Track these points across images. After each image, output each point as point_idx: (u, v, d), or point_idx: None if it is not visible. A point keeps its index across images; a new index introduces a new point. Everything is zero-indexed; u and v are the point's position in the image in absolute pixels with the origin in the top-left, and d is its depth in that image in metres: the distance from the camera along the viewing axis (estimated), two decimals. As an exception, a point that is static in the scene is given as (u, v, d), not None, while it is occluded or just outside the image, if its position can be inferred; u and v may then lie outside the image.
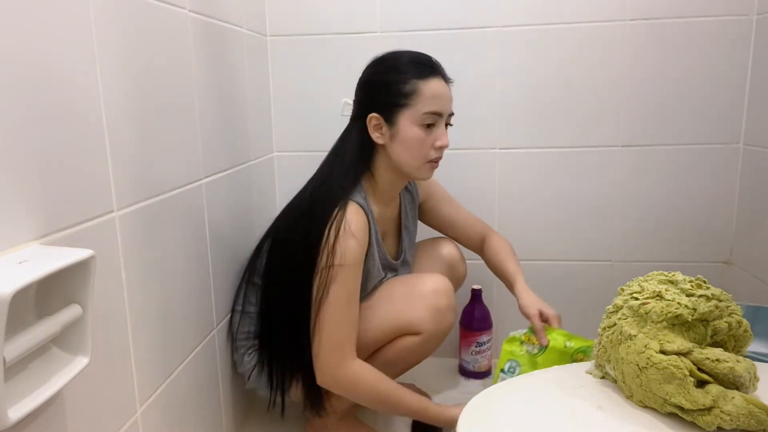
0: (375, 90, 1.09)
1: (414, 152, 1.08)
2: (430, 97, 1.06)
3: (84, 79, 0.70)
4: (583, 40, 1.40)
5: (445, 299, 1.12)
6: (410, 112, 1.06)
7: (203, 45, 1.05)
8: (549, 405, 0.80)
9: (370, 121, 1.08)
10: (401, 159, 1.09)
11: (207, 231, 1.06)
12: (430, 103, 1.06)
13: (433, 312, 1.10)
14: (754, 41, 1.36)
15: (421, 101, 1.05)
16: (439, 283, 1.13)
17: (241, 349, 1.18)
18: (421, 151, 1.08)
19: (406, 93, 1.05)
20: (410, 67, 1.07)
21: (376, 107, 1.07)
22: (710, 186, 1.44)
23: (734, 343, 0.79)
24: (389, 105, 1.06)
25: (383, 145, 1.09)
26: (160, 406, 0.89)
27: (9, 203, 0.58)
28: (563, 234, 1.51)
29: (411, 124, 1.06)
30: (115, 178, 0.76)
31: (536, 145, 1.47)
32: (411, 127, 1.06)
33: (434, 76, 1.07)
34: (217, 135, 1.12)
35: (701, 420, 0.70)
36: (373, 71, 1.11)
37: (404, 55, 1.10)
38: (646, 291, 0.81)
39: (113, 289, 0.76)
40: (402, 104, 1.06)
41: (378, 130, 1.08)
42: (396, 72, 1.07)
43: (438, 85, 1.07)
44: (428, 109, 1.06)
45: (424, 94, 1.05)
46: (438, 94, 1.07)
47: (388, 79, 1.07)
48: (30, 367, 0.58)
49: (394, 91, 1.06)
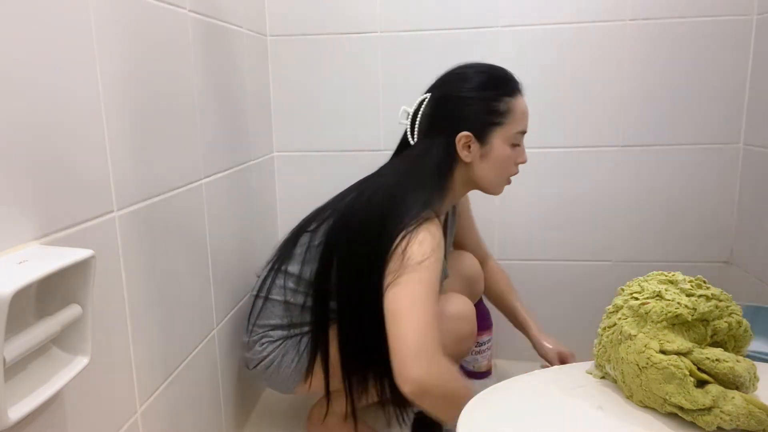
0: (464, 108, 1.06)
1: (502, 170, 1.09)
2: (521, 115, 1.08)
3: (84, 79, 0.70)
4: (583, 40, 1.40)
5: (468, 326, 1.11)
6: (504, 131, 1.06)
7: (203, 45, 1.05)
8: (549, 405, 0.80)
9: (461, 139, 1.05)
10: (486, 176, 1.09)
11: (207, 231, 1.06)
12: (522, 122, 1.08)
13: (456, 339, 1.08)
14: (754, 41, 1.36)
15: (514, 120, 1.07)
16: (464, 309, 1.11)
17: (254, 335, 1.14)
18: (508, 169, 1.10)
19: (501, 112, 1.05)
20: (500, 84, 1.07)
21: (467, 126, 1.05)
22: (710, 186, 1.45)
23: (734, 343, 0.79)
24: (483, 123, 1.06)
25: (469, 162, 1.07)
26: (160, 406, 0.89)
27: (9, 203, 0.58)
28: (563, 234, 1.51)
29: (503, 143, 1.07)
30: (115, 178, 0.76)
31: (536, 145, 1.47)
32: (503, 146, 1.07)
33: (519, 93, 1.09)
34: (217, 135, 1.12)
35: (701, 420, 0.70)
36: (461, 86, 1.08)
37: (488, 71, 1.09)
38: (646, 291, 0.81)
39: (113, 289, 0.76)
40: (497, 122, 1.06)
41: (467, 149, 1.06)
42: (487, 89, 1.06)
43: (524, 101, 1.09)
44: (520, 128, 1.08)
45: (516, 113, 1.07)
46: (526, 111, 1.10)
47: (480, 97, 1.06)
48: (30, 367, 0.58)
49: (488, 109, 1.05)
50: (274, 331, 1.14)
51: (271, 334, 1.14)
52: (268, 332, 1.14)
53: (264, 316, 1.14)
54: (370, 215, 1.04)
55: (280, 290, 1.13)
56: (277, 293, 1.14)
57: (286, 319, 1.13)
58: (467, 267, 1.34)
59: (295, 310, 1.13)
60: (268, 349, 1.13)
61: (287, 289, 1.13)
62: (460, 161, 1.08)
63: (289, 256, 1.14)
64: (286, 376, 1.13)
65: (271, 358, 1.13)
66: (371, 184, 1.11)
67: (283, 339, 1.13)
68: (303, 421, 1.29)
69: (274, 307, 1.14)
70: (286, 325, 1.13)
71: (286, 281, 1.13)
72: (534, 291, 1.54)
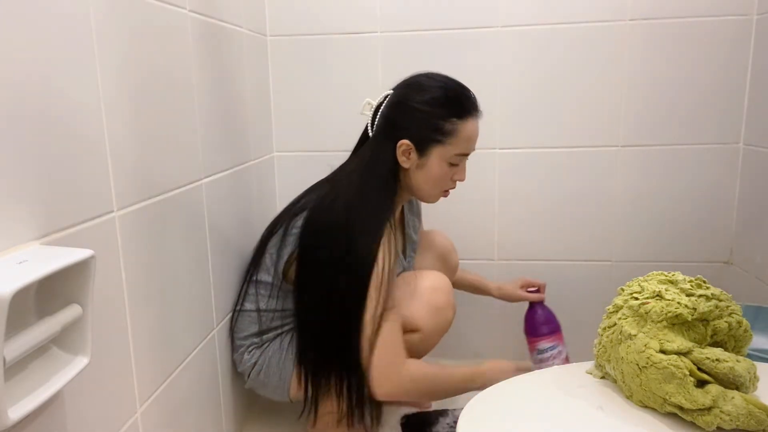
0: (412, 118, 1.08)
1: (435, 184, 1.12)
2: (465, 139, 1.09)
3: (84, 78, 0.70)
4: (583, 40, 1.40)
5: (444, 296, 1.15)
6: (443, 150, 1.08)
7: (203, 45, 1.05)
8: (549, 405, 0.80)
9: (401, 146, 1.08)
10: (420, 186, 1.12)
11: (207, 231, 1.06)
12: (465, 145, 1.09)
13: (432, 309, 1.13)
14: (754, 41, 1.36)
15: (456, 142, 1.08)
16: (437, 281, 1.16)
17: (240, 348, 1.17)
18: (442, 185, 1.13)
19: (445, 131, 1.07)
20: (452, 104, 1.08)
21: (409, 135, 1.08)
22: (710, 186, 1.44)
23: (734, 343, 0.79)
24: (424, 138, 1.08)
25: (407, 169, 1.11)
26: (160, 406, 0.89)
27: (9, 203, 0.58)
28: (563, 234, 1.51)
29: (440, 160, 1.09)
30: (115, 178, 0.76)
31: (536, 145, 1.47)
32: (440, 163, 1.09)
33: (472, 116, 1.10)
34: (217, 135, 1.12)
35: (701, 420, 0.70)
36: (414, 96, 1.09)
37: (446, 88, 1.09)
38: (646, 291, 0.81)
39: (113, 289, 0.76)
40: (437, 140, 1.08)
41: (406, 155, 1.10)
42: (437, 106, 1.07)
43: (473, 126, 1.10)
44: (461, 151, 1.10)
45: (460, 136, 1.08)
46: (472, 136, 1.10)
47: (428, 112, 1.07)
48: (30, 367, 0.58)
49: (432, 126, 1.07)
50: (256, 337, 1.17)
51: (255, 341, 1.17)
52: (253, 340, 1.17)
53: (240, 328, 1.17)
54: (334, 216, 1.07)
55: (252, 299, 1.17)
56: (250, 304, 1.17)
57: (262, 325, 1.16)
58: (439, 243, 1.37)
59: (269, 316, 1.16)
60: (255, 356, 1.16)
61: (259, 296, 1.16)
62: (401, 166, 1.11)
63: (258, 264, 1.17)
64: (276, 378, 1.15)
65: (260, 364, 1.16)
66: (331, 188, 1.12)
67: (267, 342, 1.16)
68: (303, 422, 1.29)
69: (248, 317, 1.17)
70: (264, 331, 1.16)
71: (257, 289, 1.16)
72: (534, 291, 1.54)
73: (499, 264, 1.54)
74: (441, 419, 1.28)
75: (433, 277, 1.16)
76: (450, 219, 1.48)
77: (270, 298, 1.15)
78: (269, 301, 1.15)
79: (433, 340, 1.17)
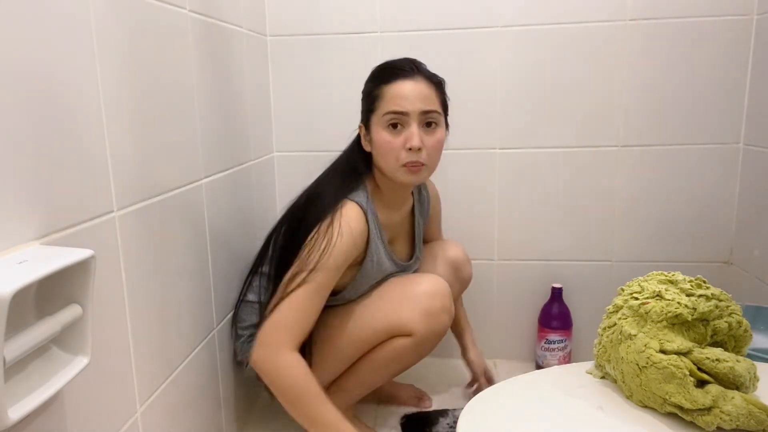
0: (361, 100, 1.14)
1: (385, 155, 1.08)
2: (390, 98, 1.07)
3: (84, 79, 0.70)
4: (583, 40, 1.40)
5: (439, 301, 1.11)
6: (376, 117, 1.08)
7: (203, 45, 1.05)
8: (549, 405, 0.80)
9: (360, 130, 1.13)
10: (380, 164, 1.11)
11: (207, 231, 1.06)
12: (390, 103, 1.06)
13: (426, 314, 1.09)
14: (754, 41, 1.36)
15: (383, 103, 1.07)
16: (433, 285, 1.12)
17: (241, 338, 1.19)
18: (392, 154, 1.07)
19: (373, 98, 1.09)
20: (379, 74, 1.11)
21: (361, 117, 1.13)
22: (710, 186, 1.44)
23: (734, 343, 0.79)
24: (364, 113, 1.12)
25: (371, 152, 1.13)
26: (160, 406, 0.89)
27: (9, 203, 0.58)
28: (563, 234, 1.51)
29: (378, 128, 1.08)
30: (115, 178, 0.76)
31: (536, 145, 1.47)
32: (378, 131, 1.08)
33: (400, 78, 1.07)
34: (217, 135, 1.12)
35: (701, 420, 0.70)
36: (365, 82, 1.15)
37: (380, 65, 1.13)
38: (646, 291, 0.81)
39: (113, 289, 0.76)
40: (371, 110, 1.09)
41: (365, 139, 1.13)
42: (370, 81, 1.12)
43: (403, 86, 1.06)
44: (388, 109, 1.06)
45: (386, 97, 1.07)
46: (399, 94, 1.06)
47: (365, 89, 1.13)
48: (30, 367, 0.58)
49: (366, 98, 1.11)
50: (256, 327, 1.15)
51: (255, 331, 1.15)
52: (253, 330, 1.17)
53: (242, 318, 1.19)
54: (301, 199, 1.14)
55: (255, 290, 1.19)
56: (252, 295, 1.19)
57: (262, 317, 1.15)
58: (452, 253, 1.35)
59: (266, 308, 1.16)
60: None
61: (261, 287, 1.18)
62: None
63: (264, 256, 1.19)
64: None
65: None
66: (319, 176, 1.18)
67: None
68: (303, 421, 1.29)
69: (249, 308, 1.19)
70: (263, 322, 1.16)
71: (260, 281, 1.18)
72: (534, 291, 1.54)
73: (499, 264, 1.54)
74: (441, 419, 1.28)
75: (429, 281, 1.13)
76: (450, 219, 1.48)
77: (269, 290, 1.15)
78: (269, 293, 1.15)
79: (426, 346, 1.13)
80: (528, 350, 1.58)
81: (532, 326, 1.55)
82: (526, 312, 1.55)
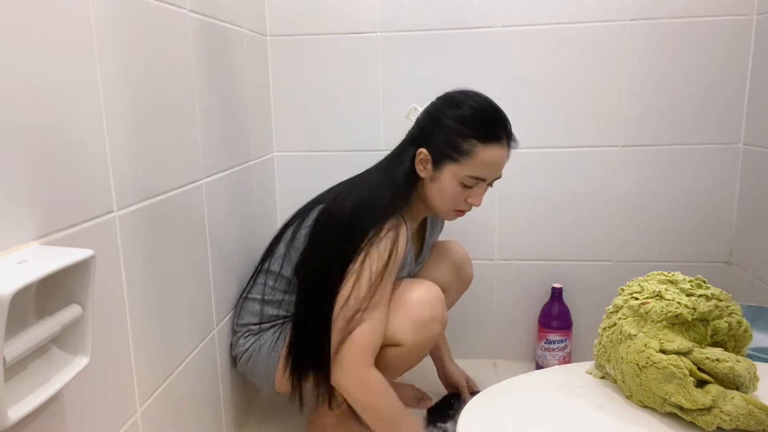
0: (437, 129, 1.08)
1: (447, 200, 1.10)
2: (481, 164, 1.05)
3: (83, 78, 0.70)
4: (583, 40, 1.40)
5: (430, 310, 1.09)
6: (456, 168, 1.06)
7: (203, 45, 1.05)
8: (549, 405, 0.80)
9: (419, 154, 1.08)
10: (431, 199, 1.12)
11: (207, 231, 1.06)
12: (479, 169, 1.06)
13: (415, 323, 1.08)
14: (754, 41, 1.36)
15: (472, 164, 1.05)
16: (425, 293, 1.11)
17: (238, 333, 1.19)
18: (453, 203, 1.10)
19: (462, 151, 1.05)
20: (478, 126, 1.05)
21: (430, 146, 1.07)
22: (710, 186, 1.44)
23: (734, 343, 0.79)
24: (441, 152, 1.06)
25: (423, 179, 1.11)
26: (160, 406, 0.89)
27: (9, 203, 0.58)
28: (563, 234, 1.51)
29: (452, 178, 1.07)
30: (115, 178, 0.76)
31: (536, 145, 1.47)
32: (451, 181, 1.07)
33: (497, 144, 1.06)
34: (217, 135, 1.12)
35: (701, 420, 0.70)
36: (444, 109, 1.09)
37: (479, 107, 1.07)
38: (646, 291, 0.81)
39: (113, 289, 0.76)
40: (452, 158, 1.06)
41: (423, 165, 1.09)
42: (461, 123, 1.05)
43: (496, 152, 1.06)
44: (475, 174, 1.06)
45: (477, 160, 1.05)
46: (491, 162, 1.06)
47: (452, 127, 1.06)
48: (30, 367, 0.58)
49: (451, 142, 1.05)
50: (255, 325, 1.18)
51: (253, 328, 1.18)
52: (250, 327, 1.18)
53: (242, 315, 1.19)
54: (344, 210, 1.09)
55: (259, 289, 1.18)
56: (256, 292, 1.18)
57: (263, 315, 1.17)
58: (454, 253, 1.35)
59: (271, 306, 1.17)
60: (249, 342, 1.17)
61: (266, 286, 1.17)
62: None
63: (272, 254, 1.18)
64: (264, 366, 1.15)
65: (251, 350, 1.17)
66: (351, 185, 1.15)
67: (263, 332, 1.17)
68: (303, 422, 1.29)
69: (252, 305, 1.18)
70: (264, 320, 1.18)
71: (266, 279, 1.17)
72: (534, 291, 1.54)
73: (499, 264, 1.54)
74: None
75: (422, 288, 1.11)
76: (450, 219, 1.48)
77: (275, 289, 1.16)
78: (274, 291, 1.16)
79: (415, 356, 1.12)
80: (528, 350, 1.58)
81: (532, 326, 1.55)
82: (526, 312, 1.55)
